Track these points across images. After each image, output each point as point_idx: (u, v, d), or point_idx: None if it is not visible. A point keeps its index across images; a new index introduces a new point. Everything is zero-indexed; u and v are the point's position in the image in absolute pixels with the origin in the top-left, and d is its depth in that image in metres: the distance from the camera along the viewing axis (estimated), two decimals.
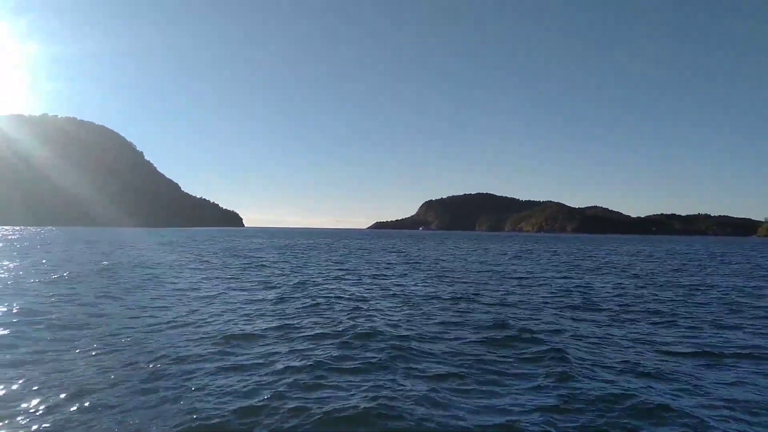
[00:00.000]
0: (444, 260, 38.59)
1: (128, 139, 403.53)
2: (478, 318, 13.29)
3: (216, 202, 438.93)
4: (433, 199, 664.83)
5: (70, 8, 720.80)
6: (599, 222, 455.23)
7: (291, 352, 9.42)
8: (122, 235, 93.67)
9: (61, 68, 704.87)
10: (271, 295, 17.25)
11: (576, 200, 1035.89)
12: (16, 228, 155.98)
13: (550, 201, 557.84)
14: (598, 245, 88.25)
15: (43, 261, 30.05)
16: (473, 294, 18.06)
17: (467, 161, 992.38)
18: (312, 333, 11.11)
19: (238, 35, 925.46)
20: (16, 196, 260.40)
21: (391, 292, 18.34)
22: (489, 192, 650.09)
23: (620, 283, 22.98)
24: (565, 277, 25.63)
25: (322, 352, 9.38)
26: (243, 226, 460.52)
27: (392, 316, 13.43)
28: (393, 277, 24.20)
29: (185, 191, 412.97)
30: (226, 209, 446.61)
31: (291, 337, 10.69)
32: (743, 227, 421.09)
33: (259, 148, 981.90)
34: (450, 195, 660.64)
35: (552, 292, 19.28)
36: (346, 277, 24.24)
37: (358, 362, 8.84)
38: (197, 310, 14.05)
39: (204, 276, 23.38)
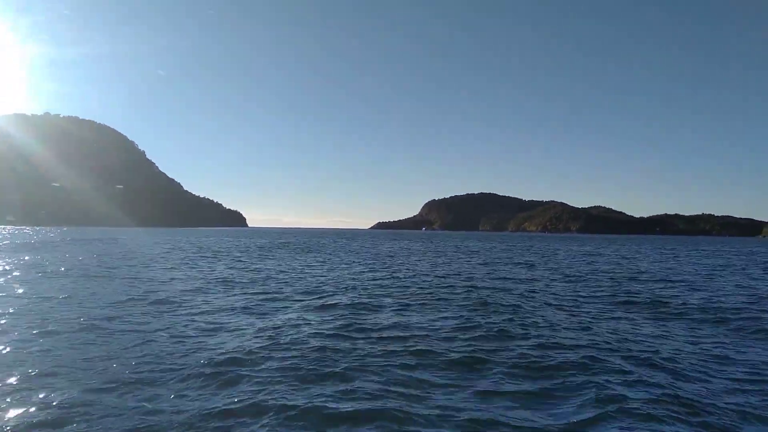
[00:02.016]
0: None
1: (130, 138, 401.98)
2: None
3: (219, 202, 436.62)
4: (436, 198, 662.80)
5: (73, 9, 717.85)
6: (603, 222, 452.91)
7: None
8: (159, 236, 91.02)
9: (63, 68, 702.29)
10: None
11: (579, 200, 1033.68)
12: (17, 228, 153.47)
13: (554, 201, 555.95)
14: (664, 246, 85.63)
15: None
16: None
17: (470, 161, 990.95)
18: None
19: (240, 36, 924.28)
20: (14, 196, 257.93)
21: None
22: (492, 192, 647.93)
23: None
24: None
25: None
26: (246, 225, 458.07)
27: None
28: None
29: (187, 190, 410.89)
30: (229, 209, 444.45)
31: None
32: (748, 228, 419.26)
33: (261, 148, 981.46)
34: (453, 195, 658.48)
35: None
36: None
37: None
38: None
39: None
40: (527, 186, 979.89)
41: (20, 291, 17.06)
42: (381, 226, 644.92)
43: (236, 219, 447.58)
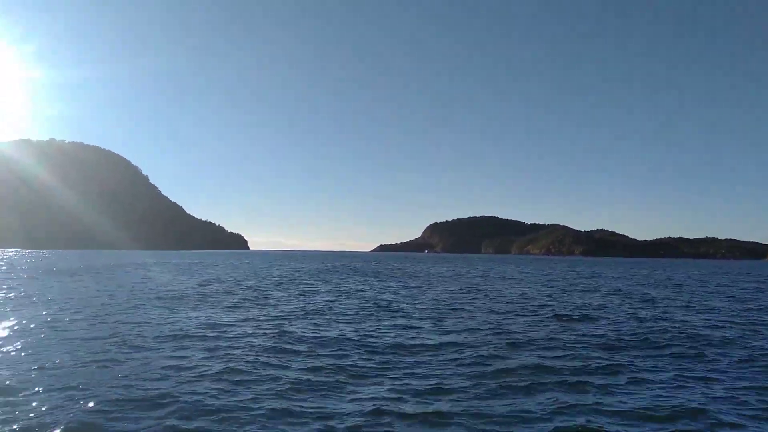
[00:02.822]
0: None
1: (134, 163, 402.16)
2: None
3: (221, 225, 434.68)
4: (438, 221, 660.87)
5: (77, 34, 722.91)
6: (607, 245, 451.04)
7: None
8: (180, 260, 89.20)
9: (67, 93, 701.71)
10: None
11: (581, 223, 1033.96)
12: (28, 251, 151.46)
13: (556, 224, 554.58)
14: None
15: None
16: None
17: (472, 184, 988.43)
18: None
19: (241, 61, 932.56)
20: (18, 219, 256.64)
21: None
22: (494, 215, 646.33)
23: None
24: None
25: None
26: (248, 249, 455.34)
27: None
28: None
29: (190, 213, 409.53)
30: (231, 232, 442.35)
31: None
32: (754, 251, 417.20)
33: (262, 171, 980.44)
34: (455, 218, 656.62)
35: None
36: None
37: None
38: None
39: None
40: (529, 209, 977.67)
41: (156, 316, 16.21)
42: (383, 248, 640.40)
43: (238, 242, 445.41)
